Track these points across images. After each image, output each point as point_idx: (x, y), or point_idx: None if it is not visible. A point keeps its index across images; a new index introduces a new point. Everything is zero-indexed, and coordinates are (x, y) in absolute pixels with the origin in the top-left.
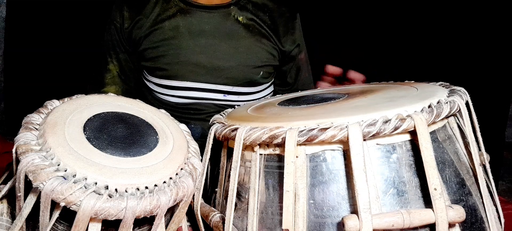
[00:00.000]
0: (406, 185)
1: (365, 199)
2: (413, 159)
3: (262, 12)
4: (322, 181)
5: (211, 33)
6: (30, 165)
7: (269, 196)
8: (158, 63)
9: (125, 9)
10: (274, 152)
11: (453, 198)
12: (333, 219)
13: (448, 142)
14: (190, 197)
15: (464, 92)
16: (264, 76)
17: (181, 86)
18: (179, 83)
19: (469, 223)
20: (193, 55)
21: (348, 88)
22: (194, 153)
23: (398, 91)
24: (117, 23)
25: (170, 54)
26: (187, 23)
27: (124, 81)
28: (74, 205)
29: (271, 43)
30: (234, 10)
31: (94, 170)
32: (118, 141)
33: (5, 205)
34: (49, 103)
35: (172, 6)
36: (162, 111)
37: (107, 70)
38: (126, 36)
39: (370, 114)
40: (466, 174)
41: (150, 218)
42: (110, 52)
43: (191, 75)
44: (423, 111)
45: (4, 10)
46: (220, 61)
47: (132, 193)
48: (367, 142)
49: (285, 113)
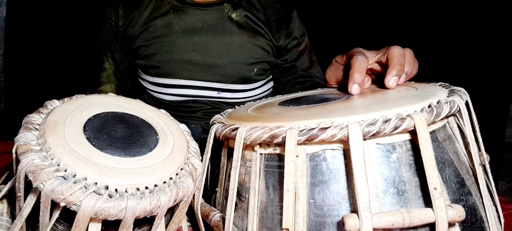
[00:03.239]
0: (406, 185)
1: (365, 198)
2: (413, 158)
3: (255, 9)
4: (322, 181)
5: (204, 30)
6: (30, 165)
7: (269, 195)
8: (151, 61)
9: (119, 7)
10: (275, 152)
11: (453, 197)
12: (333, 218)
13: (448, 142)
14: (190, 197)
15: (464, 93)
16: (258, 73)
17: (175, 84)
18: (173, 81)
19: (469, 222)
20: (186, 53)
21: None
22: (194, 153)
23: (398, 92)
24: (112, 21)
25: (163, 52)
26: (180, 21)
27: (120, 80)
28: (74, 205)
29: (265, 40)
30: (227, 8)
31: (94, 170)
32: (118, 141)
33: (5, 205)
34: (49, 103)
35: (165, 3)
36: (162, 111)
37: (102, 69)
38: (121, 35)
39: (370, 114)
40: (466, 173)
41: (150, 218)
42: (106, 51)
43: (185, 73)
44: (423, 111)
45: (4, 10)
46: (213, 59)
47: (132, 193)
48: (367, 141)
49: (285, 113)
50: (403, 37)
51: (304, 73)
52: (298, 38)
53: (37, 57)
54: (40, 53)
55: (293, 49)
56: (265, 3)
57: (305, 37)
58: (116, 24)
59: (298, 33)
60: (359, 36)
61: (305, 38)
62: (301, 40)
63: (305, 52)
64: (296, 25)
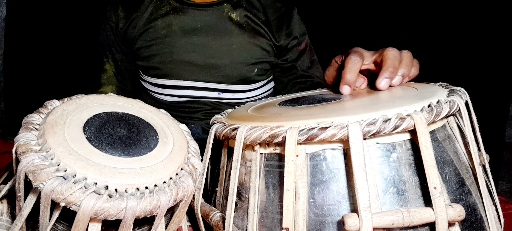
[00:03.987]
0: (406, 184)
1: (365, 198)
2: (413, 158)
3: (255, 9)
4: (322, 180)
5: (204, 31)
6: (30, 165)
7: (270, 195)
8: (151, 62)
9: (120, 8)
10: (275, 151)
11: (452, 197)
12: (333, 217)
13: (448, 142)
14: (190, 197)
15: (464, 92)
16: (259, 73)
17: (175, 85)
18: (173, 82)
19: (468, 222)
20: (186, 54)
21: None
22: (194, 153)
23: (398, 91)
24: (113, 23)
25: (163, 53)
26: (180, 22)
27: (121, 81)
28: (74, 205)
29: (265, 40)
30: (227, 8)
31: (94, 170)
32: (118, 141)
33: (5, 205)
34: (49, 103)
35: (165, 4)
36: (162, 111)
37: (103, 70)
38: (121, 36)
39: (370, 113)
40: (465, 173)
41: (150, 218)
42: (106, 52)
43: (185, 73)
44: (423, 111)
45: (4, 10)
46: (213, 59)
47: (132, 193)
48: (367, 141)
49: (285, 113)
50: (403, 37)
51: (304, 73)
52: (299, 38)
53: (37, 57)
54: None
55: (294, 48)
56: (265, 2)
57: (306, 36)
58: (117, 25)
59: (298, 33)
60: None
61: (305, 37)
62: (301, 40)
63: (305, 51)
64: (296, 24)
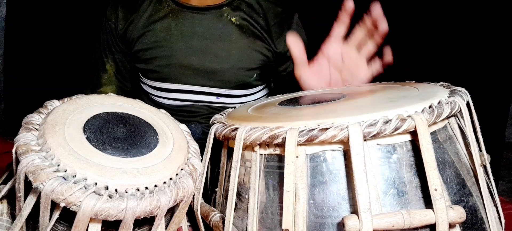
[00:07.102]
0: (406, 186)
1: (366, 199)
2: (413, 159)
3: (255, 13)
4: (322, 181)
5: (203, 35)
6: (30, 166)
7: (269, 196)
8: (150, 65)
9: (119, 9)
10: (274, 152)
11: (453, 198)
12: (333, 219)
13: (449, 143)
14: (190, 197)
15: (465, 93)
16: (257, 78)
17: (174, 88)
18: (172, 85)
19: (469, 223)
20: (185, 58)
21: (349, 88)
22: (194, 153)
23: (399, 92)
24: (112, 23)
25: (161, 56)
26: (179, 25)
27: (121, 81)
28: (74, 205)
29: (265, 45)
30: (227, 11)
31: (94, 170)
32: (118, 141)
33: (5, 205)
34: (49, 104)
35: (164, 7)
36: (162, 111)
37: (103, 71)
38: (121, 37)
39: (370, 114)
40: (466, 174)
41: (150, 218)
42: (106, 52)
43: (183, 77)
44: (423, 112)
45: (4, 10)
46: (212, 64)
47: (132, 193)
48: (367, 142)
49: (285, 114)
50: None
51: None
52: None
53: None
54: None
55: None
56: (265, 6)
57: (306, 43)
58: (116, 26)
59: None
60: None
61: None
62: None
63: None
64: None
